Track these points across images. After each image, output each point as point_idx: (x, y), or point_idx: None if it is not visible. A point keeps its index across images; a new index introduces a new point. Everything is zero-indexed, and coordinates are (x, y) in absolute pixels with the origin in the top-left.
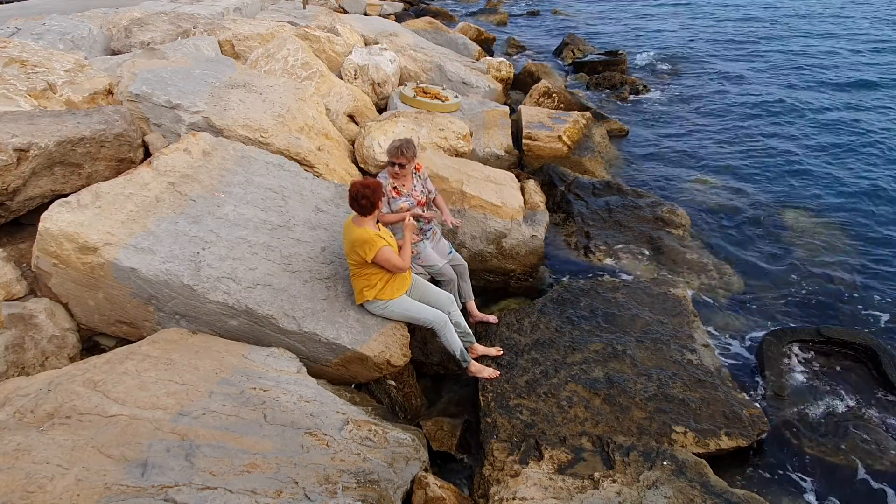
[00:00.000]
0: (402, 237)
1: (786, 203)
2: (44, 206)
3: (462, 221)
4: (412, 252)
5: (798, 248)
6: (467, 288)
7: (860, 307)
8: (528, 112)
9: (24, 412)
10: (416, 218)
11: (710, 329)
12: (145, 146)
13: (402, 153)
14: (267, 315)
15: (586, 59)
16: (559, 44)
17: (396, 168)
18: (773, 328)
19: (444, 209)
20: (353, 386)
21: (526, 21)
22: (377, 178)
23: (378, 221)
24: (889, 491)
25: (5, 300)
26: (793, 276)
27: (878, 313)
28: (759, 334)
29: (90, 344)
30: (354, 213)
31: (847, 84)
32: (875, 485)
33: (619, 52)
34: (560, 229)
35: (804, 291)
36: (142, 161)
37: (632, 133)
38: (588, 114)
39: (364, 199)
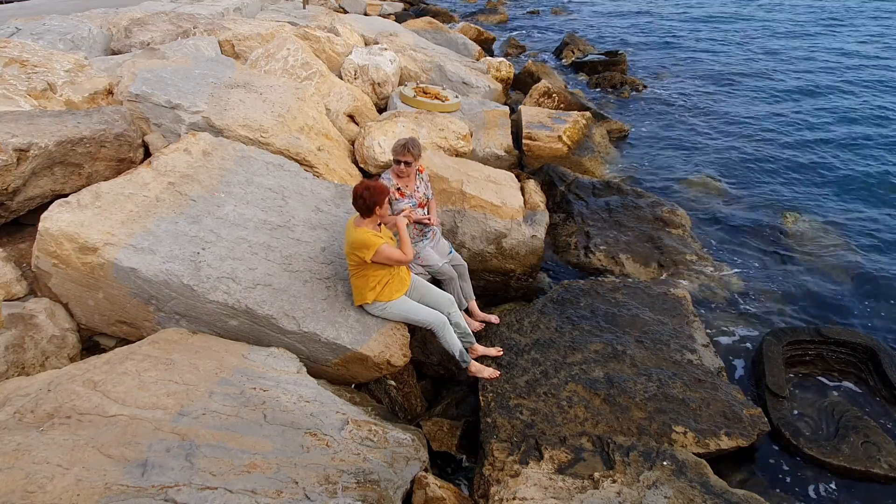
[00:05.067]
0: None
1: (786, 203)
2: (44, 206)
3: (462, 221)
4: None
5: (798, 249)
6: (468, 288)
7: (860, 307)
8: (528, 112)
9: (24, 412)
10: (417, 221)
11: (710, 329)
12: (145, 146)
13: (408, 150)
14: (267, 315)
15: (586, 59)
16: (559, 44)
17: (402, 166)
18: (773, 328)
19: (433, 210)
20: (353, 386)
21: (526, 21)
22: (381, 179)
23: (379, 224)
24: (889, 492)
25: (5, 300)
26: (792, 276)
27: (877, 313)
28: (759, 334)
29: (90, 344)
30: (357, 213)
31: (850, 84)
32: (875, 486)
33: (619, 51)
34: (560, 229)
35: (804, 291)
36: (142, 161)
37: (632, 133)
38: (588, 114)
39: (363, 199)
